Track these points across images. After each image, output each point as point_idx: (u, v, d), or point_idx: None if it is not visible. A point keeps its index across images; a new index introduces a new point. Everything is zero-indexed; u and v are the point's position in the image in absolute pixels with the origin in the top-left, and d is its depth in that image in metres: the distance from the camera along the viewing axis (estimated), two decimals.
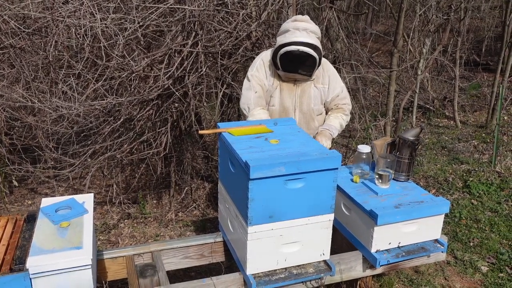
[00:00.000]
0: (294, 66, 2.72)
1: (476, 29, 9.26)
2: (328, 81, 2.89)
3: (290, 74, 2.76)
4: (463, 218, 3.92)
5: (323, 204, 2.14)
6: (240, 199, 2.10)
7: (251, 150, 2.10)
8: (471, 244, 3.57)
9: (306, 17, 2.74)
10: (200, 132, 2.46)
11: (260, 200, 2.00)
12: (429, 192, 2.49)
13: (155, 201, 4.15)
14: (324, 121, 2.93)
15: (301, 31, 2.64)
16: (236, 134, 2.29)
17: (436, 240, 2.45)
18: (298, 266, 2.20)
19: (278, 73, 2.80)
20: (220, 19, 3.44)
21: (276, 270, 2.17)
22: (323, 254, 2.24)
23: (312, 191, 2.08)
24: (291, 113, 2.85)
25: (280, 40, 2.68)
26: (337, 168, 2.09)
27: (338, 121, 2.89)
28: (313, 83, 2.86)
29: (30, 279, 1.73)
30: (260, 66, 2.83)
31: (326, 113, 2.96)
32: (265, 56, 2.87)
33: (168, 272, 2.33)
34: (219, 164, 2.45)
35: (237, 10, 3.40)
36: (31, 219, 2.11)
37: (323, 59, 2.90)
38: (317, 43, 2.69)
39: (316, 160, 2.04)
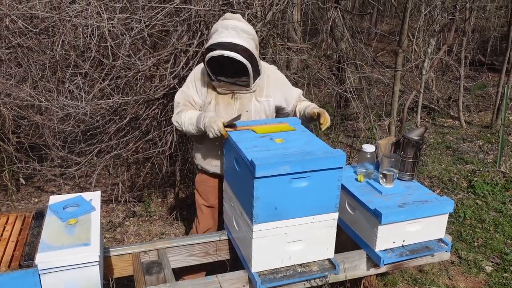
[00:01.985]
0: (225, 74, 2.37)
1: (482, 28, 9.23)
2: (275, 93, 2.53)
3: (224, 84, 2.41)
4: (468, 218, 3.92)
5: (327, 203, 2.15)
6: (245, 198, 2.12)
7: (256, 149, 2.12)
8: (476, 244, 3.57)
9: (238, 15, 2.40)
10: (227, 130, 2.29)
11: (265, 198, 2.02)
12: (433, 192, 2.50)
13: (160, 200, 4.18)
14: (303, 110, 2.59)
15: (230, 30, 2.28)
16: (260, 132, 2.30)
17: (440, 240, 2.46)
18: (303, 264, 2.22)
19: (212, 84, 2.46)
20: None
21: (280, 268, 2.19)
22: (328, 253, 2.25)
23: (316, 190, 2.10)
24: None
25: (208, 42, 2.33)
26: (341, 167, 2.10)
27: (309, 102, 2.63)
28: (254, 95, 2.49)
29: (39, 275, 1.76)
30: (191, 81, 2.52)
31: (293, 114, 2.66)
32: (199, 67, 2.53)
33: (173, 270, 2.36)
34: (224, 163, 2.47)
35: (242, 10, 3.42)
36: (39, 216, 2.13)
37: (269, 66, 2.61)
38: (249, 44, 2.29)
39: (321, 159, 2.05)
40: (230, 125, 2.32)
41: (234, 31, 2.28)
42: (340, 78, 5.35)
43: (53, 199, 2.20)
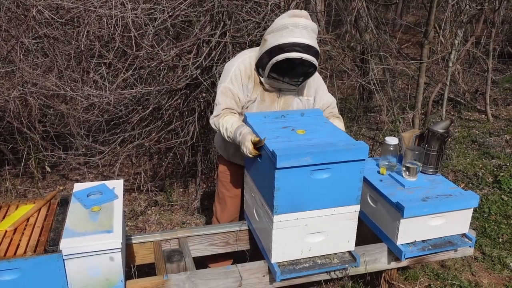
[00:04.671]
0: (286, 73, 2.30)
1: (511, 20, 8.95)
2: (315, 93, 2.52)
3: (275, 82, 2.33)
4: (493, 213, 3.83)
5: (349, 195, 2.13)
6: (266, 189, 2.12)
7: (277, 140, 2.11)
8: (500, 240, 3.50)
9: (306, 13, 2.27)
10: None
11: (286, 189, 2.01)
12: (457, 186, 2.45)
13: (181, 189, 4.22)
14: None
15: (301, 29, 2.18)
16: None
17: (464, 235, 2.42)
18: (323, 256, 2.22)
19: (260, 80, 2.37)
20: (249, 9, 3.44)
21: (300, 259, 2.19)
22: (348, 245, 2.24)
23: (338, 182, 2.08)
24: None
25: (275, 39, 2.19)
26: (364, 159, 2.07)
27: (342, 125, 2.53)
28: (296, 94, 2.47)
29: (63, 260, 1.80)
30: (235, 77, 2.35)
31: None
32: (242, 61, 2.38)
33: (194, 259, 2.38)
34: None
35: (265, 0, 3.39)
36: (64, 203, 2.18)
37: None
38: (318, 47, 2.24)
39: (343, 151, 2.03)
40: (258, 142, 2.17)
41: (306, 30, 2.18)
42: (363, 70, 5.28)
43: (77, 187, 2.25)
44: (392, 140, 2.52)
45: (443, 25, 5.52)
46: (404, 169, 2.45)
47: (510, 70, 7.58)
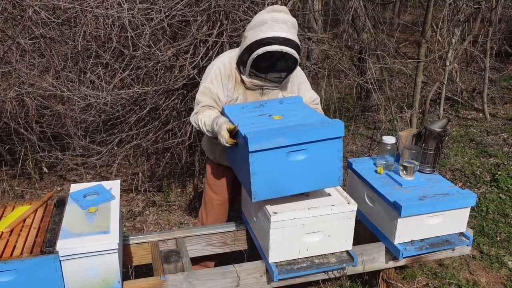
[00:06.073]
0: (268, 69, 2.28)
1: (509, 18, 8.95)
2: (298, 89, 2.50)
3: (256, 79, 2.31)
4: (490, 212, 3.84)
5: (329, 176, 2.07)
6: (245, 177, 2.07)
7: (252, 126, 2.06)
8: (498, 238, 3.50)
9: (285, 8, 2.26)
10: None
11: (262, 174, 1.96)
12: (455, 185, 2.45)
13: (179, 190, 4.21)
14: None
15: (281, 24, 2.16)
16: None
17: (462, 233, 2.42)
18: (321, 255, 2.21)
19: (242, 79, 2.33)
20: (245, 8, 3.44)
21: (298, 259, 2.18)
22: (346, 245, 2.24)
23: (316, 162, 2.01)
24: None
25: (255, 35, 2.17)
26: (341, 137, 2.00)
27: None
28: (280, 91, 2.44)
29: (60, 261, 1.80)
30: (215, 76, 2.34)
31: None
32: (222, 62, 2.36)
33: (191, 259, 2.38)
34: (226, 149, 2.37)
35: (262, 0, 3.39)
36: (60, 204, 2.17)
37: None
38: (298, 41, 2.22)
39: (317, 129, 1.96)
40: (234, 130, 2.14)
41: (285, 25, 2.17)
42: (361, 69, 5.28)
43: (74, 188, 2.24)
44: (389, 139, 2.52)
45: (440, 24, 5.53)
46: (401, 168, 2.45)
47: (508, 68, 7.59)
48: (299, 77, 2.51)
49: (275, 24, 2.15)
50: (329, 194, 2.25)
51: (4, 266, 1.75)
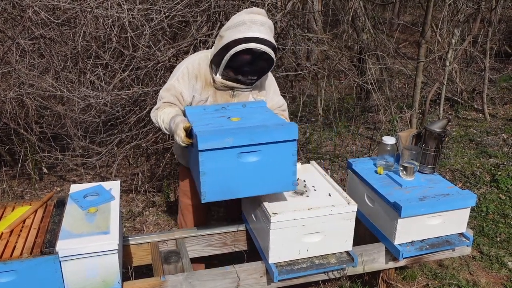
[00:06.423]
0: (242, 68, 2.25)
1: (508, 19, 8.96)
2: (266, 93, 2.48)
3: (227, 80, 2.29)
4: (490, 212, 3.84)
5: (283, 179, 2.04)
6: (197, 177, 2.04)
7: (207, 126, 2.03)
8: (498, 239, 3.50)
9: (263, 11, 2.27)
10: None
11: (212, 174, 1.93)
12: (455, 185, 2.45)
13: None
14: None
15: (259, 25, 2.16)
16: None
17: (462, 234, 2.42)
18: (321, 256, 2.21)
19: (213, 79, 2.31)
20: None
21: (298, 259, 2.18)
22: (346, 245, 2.24)
23: (269, 165, 1.98)
24: None
25: (232, 35, 2.16)
26: (295, 140, 1.96)
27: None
28: (251, 93, 2.42)
29: (60, 261, 1.79)
30: (182, 75, 2.33)
31: None
32: (191, 62, 2.36)
33: (191, 259, 2.37)
34: (188, 153, 2.35)
35: (262, 0, 3.39)
36: (60, 205, 2.17)
37: None
38: (275, 43, 2.23)
39: (271, 130, 1.93)
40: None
41: (263, 27, 2.18)
42: (361, 70, 5.28)
43: (74, 188, 2.24)
44: (389, 140, 2.52)
45: (440, 24, 5.53)
46: (401, 168, 2.45)
47: (507, 69, 7.60)
48: (269, 80, 2.51)
49: (253, 25, 2.16)
50: (329, 195, 2.26)
51: (4, 267, 1.74)
